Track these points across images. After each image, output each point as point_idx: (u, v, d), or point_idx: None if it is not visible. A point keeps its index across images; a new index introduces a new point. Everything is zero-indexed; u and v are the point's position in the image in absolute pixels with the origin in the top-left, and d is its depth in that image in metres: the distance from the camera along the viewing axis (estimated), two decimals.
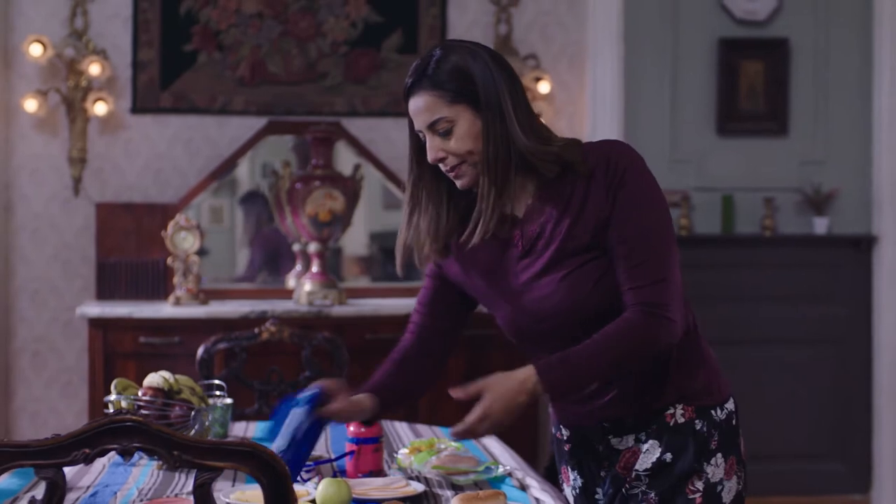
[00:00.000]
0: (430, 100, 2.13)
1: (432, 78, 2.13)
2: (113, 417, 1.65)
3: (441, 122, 2.13)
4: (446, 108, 2.12)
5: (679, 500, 2.15)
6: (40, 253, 5.06)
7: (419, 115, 2.15)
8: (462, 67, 2.14)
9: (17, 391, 5.04)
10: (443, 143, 2.14)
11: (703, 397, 2.19)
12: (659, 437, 2.18)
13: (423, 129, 2.17)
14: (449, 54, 2.16)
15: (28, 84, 5.02)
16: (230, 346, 3.77)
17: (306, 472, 2.50)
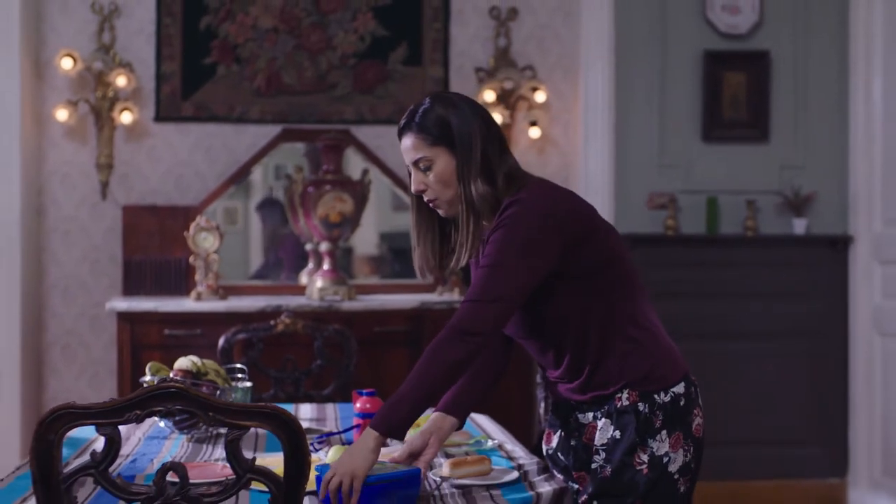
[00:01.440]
0: (415, 141, 2.48)
1: (419, 124, 2.48)
2: (159, 384, 1.99)
3: (423, 160, 2.48)
4: (427, 150, 2.47)
5: (628, 471, 2.44)
6: (70, 253, 5.29)
7: (407, 152, 2.51)
8: (443, 117, 2.47)
9: (48, 382, 5.28)
10: (424, 177, 2.49)
11: (646, 384, 2.46)
12: (609, 416, 2.48)
13: (409, 164, 2.52)
14: (435, 105, 2.50)
15: (59, 95, 5.22)
16: (248, 336, 4.07)
17: (318, 442, 2.83)
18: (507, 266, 2.39)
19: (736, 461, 5.28)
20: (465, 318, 2.37)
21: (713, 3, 5.28)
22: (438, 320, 4.88)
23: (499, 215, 2.45)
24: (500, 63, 5.44)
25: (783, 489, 5.36)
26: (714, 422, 5.18)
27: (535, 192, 2.45)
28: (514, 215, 2.41)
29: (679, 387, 2.51)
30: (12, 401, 5.00)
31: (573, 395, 2.54)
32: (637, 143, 5.35)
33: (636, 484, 2.44)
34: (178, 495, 1.98)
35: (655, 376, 2.48)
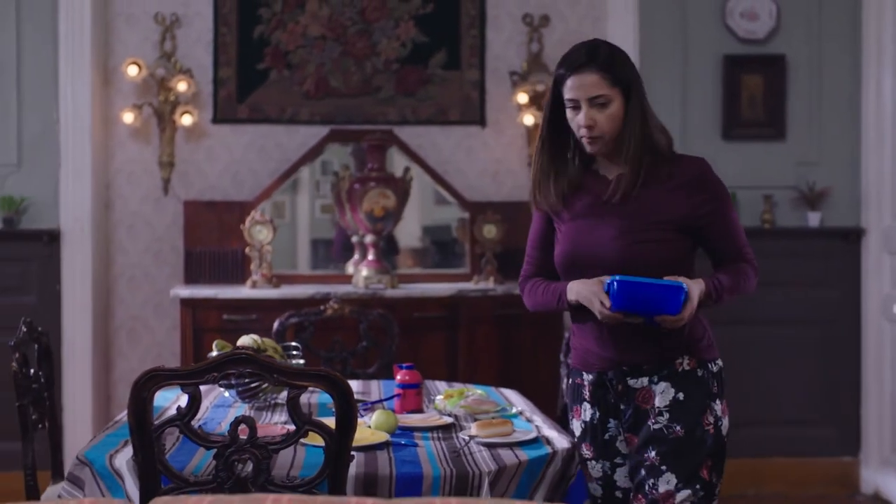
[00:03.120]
0: (596, 79, 2.67)
1: (601, 63, 2.67)
2: (232, 351, 2.40)
3: (601, 98, 2.67)
4: (608, 89, 2.67)
5: (699, 430, 2.72)
6: (135, 244, 5.67)
7: (583, 88, 2.68)
8: (624, 63, 2.71)
9: (115, 363, 5.70)
10: (597, 113, 2.68)
11: (703, 353, 2.77)
12: (670, 380, 2.73)
13: (582, 99, 2.68)
14: (614, 50, 2.72)
15: (125, 99, 5.59)
16: (300, 320, 4.48)
17: (364, 409, 3.23)
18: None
19: (753, 440, 5.55)
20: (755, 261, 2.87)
21: (732, 11, 5.55)
22: (474, 307, 5.26)
23: (691, 175, 2.73)
24: (533, 67, 5.76)
25: (798, 467, 5.61)
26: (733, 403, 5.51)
27: (711, 169, 2.78)
28: (718, 181, 2.77)
29: (719, 360, 2.84)
30: (84, 380, 5.42)
31: (627, 358, 2.74)
32: None
33: (705, 442, 2.72)
34: (248, 443, 2.39)
35: (708, 345, 2.80)
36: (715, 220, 2.76)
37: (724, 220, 2.78)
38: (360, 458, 2.65)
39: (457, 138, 5.79)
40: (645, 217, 2.74)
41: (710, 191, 2.76)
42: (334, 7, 5.71)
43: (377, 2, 5.73)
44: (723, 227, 2.78)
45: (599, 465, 2.86)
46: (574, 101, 2.71)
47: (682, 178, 2.75)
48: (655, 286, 2.58)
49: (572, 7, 5.79)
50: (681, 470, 2.68)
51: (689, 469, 2.69)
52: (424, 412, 3.28)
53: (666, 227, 2.73)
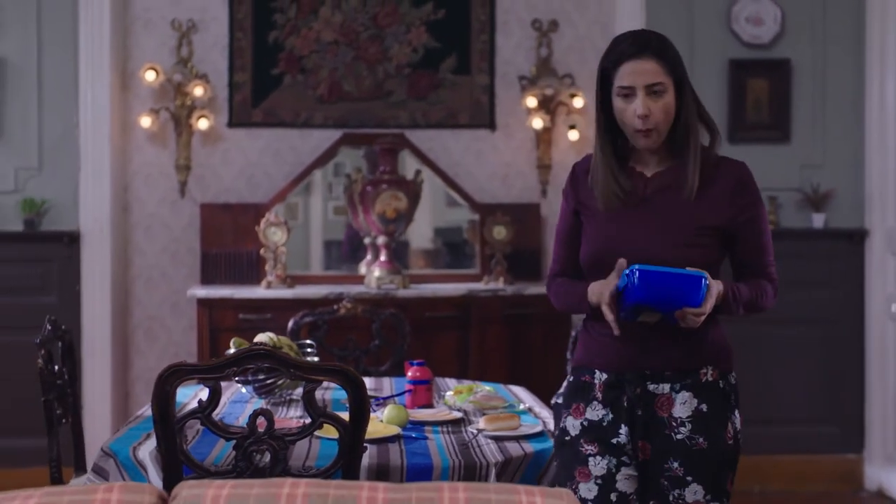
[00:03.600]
0: (655, 66, 2.55)
1: (659, 51, 2.57)
2: (251, 347, 2.51)
3: (658, 86, 2.55)
4: (664, 77, 2.56)
5: (721, 443, 2.57)
6: (153, 245, 5.81)
7: (642, 74, 2.55)
8: (677, 53, 2.62)
9: (133, 361, 5.83)
10: (652, 102, 2.54)
11: (724, 364, 2.65)
12: (692, 390, 2.59)
13: (639, 87, 2.54)
14: (665, 39, 2.63)
15: (143, 104, 5.73)
16: (314, 319, 4.59)
17: (377, 404, 3.34)
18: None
19: (758, 437, 5.61)
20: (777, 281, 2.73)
21: (738, 16, 5.64)
22: (484, 306, 5.37)
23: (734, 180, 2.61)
24: (542, 71, 5.88)
25: (803, 464, 5.69)
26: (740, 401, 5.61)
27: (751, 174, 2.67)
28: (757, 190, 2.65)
29: (734, 372, 2.71)
30: (103, 377, 5.55)
31: (651, 362, 2.60)
32: None
33: (727, 455, 2.60)
34: (265, 434, 2.50)
35: (728, 357, 2.68)
36: (751, 230, 2.66)
37: (759, 231, 2.68)
38: (372, 449, 2.76)
39: (467, 141, 5.91)
40: (688, 219, 2.61)
41: (751, 198, 2.66)
42: (347, 13, 5.83)
43: (389, 8, 5.85)
44: (755, 239, 2.68)
45: (605, 462, 2.62)
46: (629, 89, 2.57)
47: (725, 181, 2.63)
48: (678, 275, 2.44)
49: (581, 13, 5.90)
50: (707, 482, 2.56)
51: (715, 481, 2.58)
52: (435, 407, 3.39)
53: (707, 232, 2.61)
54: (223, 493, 1.77)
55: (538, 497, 1.77)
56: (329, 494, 1.74)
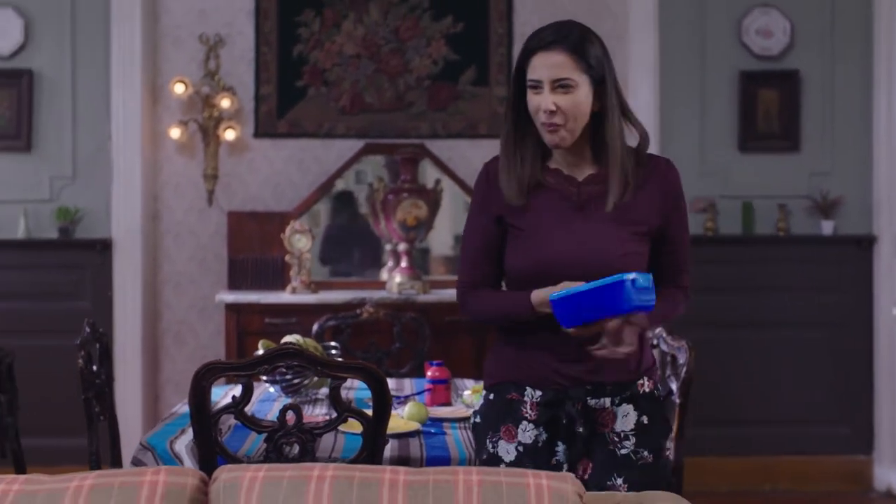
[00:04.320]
0: (564, 59, 2.38)
1: (572, 43, 2.39)
2: (281, 347, 2.70)
3: (567, 81, 2.37)
4: (575, 72, 2.38)
5: (663, 456, 2.51)
6: (181, 252, 6.00)
7: (549, 68, 2.38)
8: (595, 47, 2.43)
9: (163, 365, 6.03)
10: (560, 99, 2.38)
11: (654, 373, 2.57)
12: (632, 402, 2.50)
13: (545, 81, 2.39)
14: (587, 32, 2.44)
15: (172, 116, 5.92)
16: (338, 323, 4.77)
17: (398, 403, 3.52)
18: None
19: (768, 438, 5.79)
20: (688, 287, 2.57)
21: (748, 28, 5.79)
22: None
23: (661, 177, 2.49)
24: None
25: (812, 465, 5.81)
26: (749, 402, 5.76)
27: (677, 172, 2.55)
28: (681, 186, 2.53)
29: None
30: (134, 380, 5.75)
31: (592, 378, 2.48)
32: (680, 153, 5.67)
33: (667, 468, 2.54)
34: (294, 427, 2.69)
35: (655, 367, 2.62)
36: (674, 236, 2.55)
37: (680, 239, 2.56)
38: (393, 443, 2.95)
39: (485, 151, 6.04)
40: (621, 226, 2.49)
41: (678, 197, 2.54)
42: (369, 27, 6.01)
43: (410, 22, 6.03)
44: (677, 245, 2.55)
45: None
46: (536, 82, 2.42)
47: (654, 184, 2.51)
48: (595, 290, 2.31)
49: (595, 26, 5.78)
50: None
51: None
52: (453, 405, 3.57)
53: (640, 238, 2.51)
54: (259, 475, 1.95)
55: (544, 479, 1.95)
56: (355, 477, 1.93)
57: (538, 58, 2.41)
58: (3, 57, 5.71)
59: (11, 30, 5.69)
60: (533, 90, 2.43)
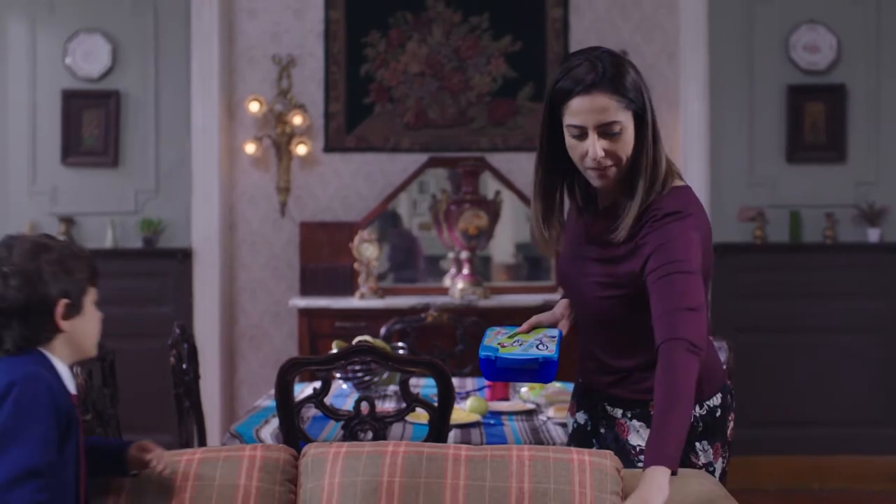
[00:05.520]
0: (607, 102, 2.21)
1: (610, 81, 2.21)
2: (357, 344, 3.02)
3: (615, 125, 2.22)
4: (621, 114, 2.23)
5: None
6: (256, 261, 6.33)
7: (594, 113, 2.21)
8: (637, 83, 2.26)
9: (238, 367, 6.37)
10: (609, 144, 2.24)
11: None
12: (644, 420, 2.39)
13: (590, 126, 2.22)
14: (624, 65, 2.26)
15: (247, 132, 6.27)
16: (404, 326, 5.07)
17: (461, 398, 3.82)
18: (697, 272, 2.23)
19: (817, 438, 5.98)
20: (692, 331, 2.16)
21: (795, 44, 6.01)
22: None
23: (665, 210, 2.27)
24: None
25: (860, 465, 5.99)
26: (798, 404, 5.97)
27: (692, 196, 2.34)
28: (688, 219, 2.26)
29: (715, 398, 2.41)
30: (213, 381, 6.10)
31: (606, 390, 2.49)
32: (729, 165, 6.06)
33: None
34: (368, 416, 3.01)
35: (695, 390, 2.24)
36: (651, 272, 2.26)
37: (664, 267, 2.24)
38: (456, 432, 3.25)
39: None
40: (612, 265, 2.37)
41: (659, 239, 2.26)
42: (432, 46, 6.32)
43: (471, 41, 6.33)
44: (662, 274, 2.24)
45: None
46: (580, 129, 2.26)
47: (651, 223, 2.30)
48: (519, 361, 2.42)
49: (647, 43, 6.30)
50: None
51: None
52: (510, 400, 3.87)
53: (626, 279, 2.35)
54: (342, 451, 2.28)
55: (587, 456, 2.25)
56: (424, 451, 2.25)
57: (578, 102, 2.24)
58: (92, 79, 6.12)
59: (100, 54, 6.11)
60: (576, 137, 2.28)
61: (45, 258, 2.10)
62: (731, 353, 3.52)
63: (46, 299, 2.09)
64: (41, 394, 2.01)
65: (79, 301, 2.15)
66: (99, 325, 2.22)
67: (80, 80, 6.13)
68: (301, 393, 4.05)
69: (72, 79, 6.13)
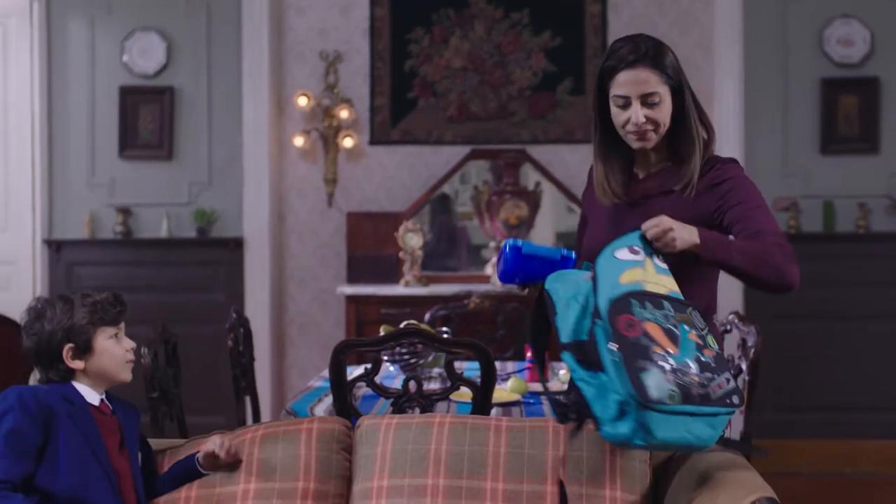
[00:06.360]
0: (650, 75, 2.56)
1: (654, 60, 2.57)
2: (405, 327, 3.23)
3: (654, 95, 2.56)
4: (660, 86, 2.57)
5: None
6: (304, 250, 6.55)
7: (636, 84, 2.56)
8: (674, 61, 2.62)
9: (287, 352, 6.61)
10: (649, 111, 2.57)
11: None
12: None
13: (634, 96, 2.56)
14: (663, 47, 2.61)
15: (296, 126, 6.49)
16: (447, 312, 5.27)
17: (502, 380, 4.02)
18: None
19: (851, 423, 6.12)
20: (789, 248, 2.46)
21: (829, 38, 6.14)
22: None
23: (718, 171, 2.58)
24: None
25: (892, 449, 6.11)
26: (831, 390, 6.11)
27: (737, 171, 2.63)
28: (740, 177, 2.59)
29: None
30: (263, 366, 6.31)
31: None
32: (763, 157, 6.19)
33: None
34: (416, 394, 3.22)
35: None
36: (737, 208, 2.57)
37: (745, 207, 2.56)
38: (497, 410, 3.46)
39: (582, 155, 6.49)
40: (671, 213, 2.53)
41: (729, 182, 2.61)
42: (474, 42, 6.51)
43: (511, 37, 6.51)
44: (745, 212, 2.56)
45: None
46: (625, 98, 2.60)
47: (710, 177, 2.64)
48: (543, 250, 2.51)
49: (684, 38, 6.45)
50: None
51: None
52: (549, 381, 4.05)
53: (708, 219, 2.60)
54: (393, 422, 2.50)
55: None
56: (468, 422, 2.46)
57: (623, 75, 2.57)
58: (148, 76, 6.38)
59: (156, 52, 6.37)
60: (620, 107, 2.61)
61: (48, 315, 2.49)
62: (759, 337, 3.70)
63: (51, 346, 2.48)
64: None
65: (85, 343, 2.49)
66: (121, 354, 2.53)
67: (136, 76, 6.39)
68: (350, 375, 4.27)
69: (128, 76, 6.39)
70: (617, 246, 2.28)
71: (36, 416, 2.37)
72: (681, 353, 2.09)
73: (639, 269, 2.25)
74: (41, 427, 2.37)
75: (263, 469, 2.45)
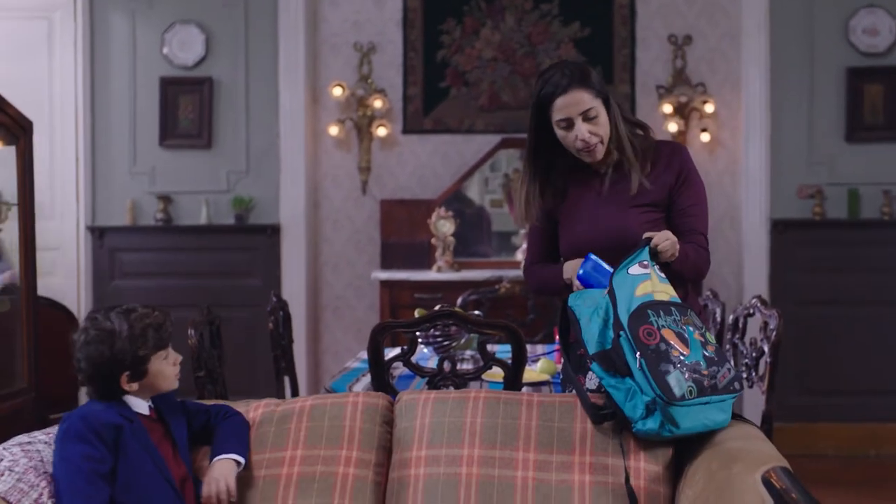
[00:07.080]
0: (583, 95, 2.86)
1: (584, 81, 2.87)
2: (440, 309, 3.39)
3: (591, 111, 2.86)
4: (594, 101, 2.88)
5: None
6: (339, 236, 6.72)
7: (576, 105, 2.85)
8: (599, 78, 2.93)
9: (323, 336, 6.79)
10: (591, 126, 2.87)
11: None
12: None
13: (575, 115, 2.85)
14: (587, 68, 2.92)
15: (331, 115, 6.66)
16: (478, 297, 5.42)
17: (532, 360, 4.18)
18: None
19: (875, 407, 6.23)
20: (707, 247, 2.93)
21: (855, 28, 6.24)
22: None
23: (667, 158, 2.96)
24: (677, 81, 6.57)
25: None
26: (856, 374, 6.23)
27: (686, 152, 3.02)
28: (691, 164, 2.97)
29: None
30: (299, 349, 6.48)
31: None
32: (790, 145, 6.29)
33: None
34: (450, 373, 3.38)
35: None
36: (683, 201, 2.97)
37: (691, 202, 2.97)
38: (527, 390, 3.60)
39: None
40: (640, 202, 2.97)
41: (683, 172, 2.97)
42: (505, 33, 6.65)
43: (541, 27, 6.65)
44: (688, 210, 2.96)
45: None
46: (567, 121, 2.88)
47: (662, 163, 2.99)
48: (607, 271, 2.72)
49: (712, 28, 6.57)
50: None
51: None
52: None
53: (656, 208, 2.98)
54: (431, 397, 2.66)
55: None
56: (501, 398, 2.62)
57: (561, 100, 2.86)
58: (187, 67, 6.56)
59: (195, 43, 6.54)
60: (564, 128, 2.90)
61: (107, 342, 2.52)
62: (780, 320, 3.82)
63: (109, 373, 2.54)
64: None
65: (140, 370, 2.56)
66: (172, 371, 2.61)
67: (176, 67, 6.57)
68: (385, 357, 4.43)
69: (168, 67, 6.57)
70: (629, 263, 2.57)
71: (105, 439, 2.47)
72: (691, 353, 2.43)
73: (648, 282, 2.55)
74: (111, 448, 2.46)
75: (311, 437, 2.61)
